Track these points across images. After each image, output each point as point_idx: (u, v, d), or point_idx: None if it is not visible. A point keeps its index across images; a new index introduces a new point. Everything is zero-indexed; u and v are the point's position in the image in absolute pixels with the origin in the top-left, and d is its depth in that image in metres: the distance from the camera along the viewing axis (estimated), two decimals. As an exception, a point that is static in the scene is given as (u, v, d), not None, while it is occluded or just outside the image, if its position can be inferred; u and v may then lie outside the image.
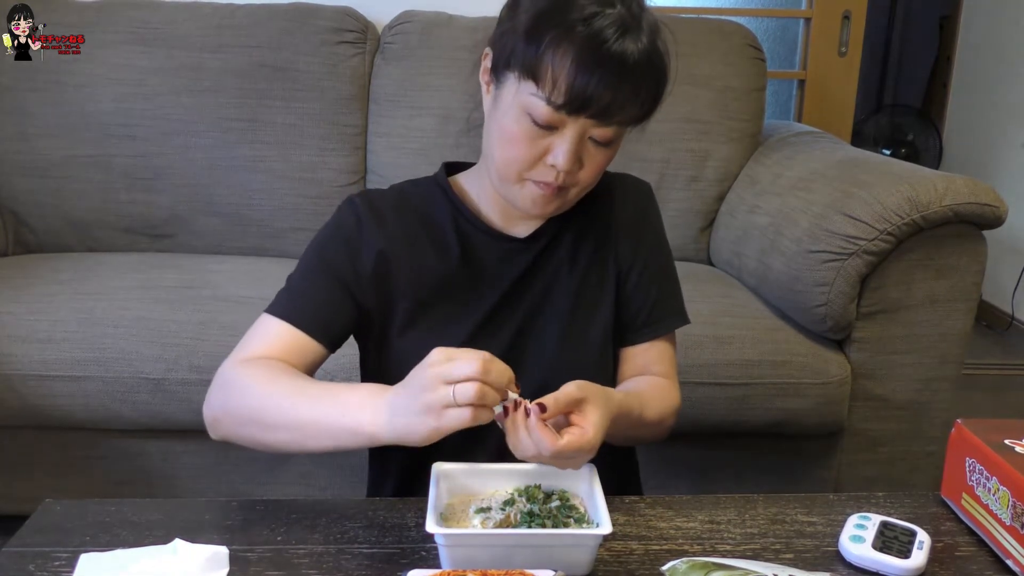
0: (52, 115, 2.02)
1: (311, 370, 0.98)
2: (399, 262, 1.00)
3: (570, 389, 0.82)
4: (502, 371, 0.78)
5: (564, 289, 1.03)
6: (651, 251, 1.07)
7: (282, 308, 0.98)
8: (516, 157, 0.91)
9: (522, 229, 1.04)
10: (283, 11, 2.10)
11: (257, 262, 1.97)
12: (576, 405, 0.82)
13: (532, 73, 0.87)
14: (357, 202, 1.02)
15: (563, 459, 0.81)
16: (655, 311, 1.06)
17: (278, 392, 0.89)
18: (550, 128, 0.89)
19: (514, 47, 0.89)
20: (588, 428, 0.81)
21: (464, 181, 1.06)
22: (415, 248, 1.01)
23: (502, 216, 1.03)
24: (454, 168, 1.08)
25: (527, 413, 0.79)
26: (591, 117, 0.88)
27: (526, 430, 0.79)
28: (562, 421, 0.82)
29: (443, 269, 1.01)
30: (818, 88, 2.67)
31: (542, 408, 0.79)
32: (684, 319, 1.10)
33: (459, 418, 0.77)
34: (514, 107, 0.90)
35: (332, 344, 1.00)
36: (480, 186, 1.03)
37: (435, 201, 1.04)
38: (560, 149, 0.89)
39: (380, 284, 1.00)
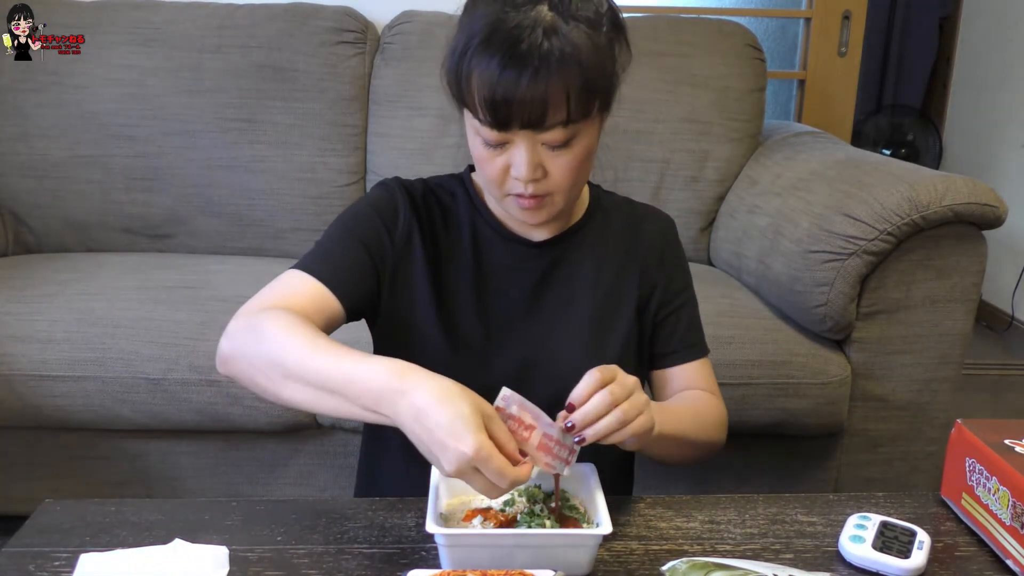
0: (52, 115, 2.02)
1: (328, 330, 0.94)
2: (419, 254, 1.00)
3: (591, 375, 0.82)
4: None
5: (584, 303, 1.03)
6: (678, 280, 1.09)
7: (308, 264, 0.96)
8: (489, 177, 0.93)
9: (537, 234, 1.03)
10: (283, 11, 2.11)
11: (257, 262, 1.97)
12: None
13: (463, 101, 0.90)
14: (393, 186, 1.03)
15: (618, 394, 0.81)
16: (688, 335, 1.08)
17: (303, 344, 0.84)
18: (502, 145, 0.90)
19: (447, 82, 0.92)
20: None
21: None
22: (435, 243, 1.02)
23: (515, 219, 1.03)
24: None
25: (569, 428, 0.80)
26: (524, 127, 0.87)
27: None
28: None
29: (458, 268, 1.02)
30: (818, 88, 2.67)
31: (570, 408, 0.80)
32: (707, 348, 1.11)
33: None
34: (470, 132, 0.93)
35: (351, 309, 0.97)
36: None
37: (457, 199, 1.05)
38: (516, 163, 0.90)
39: (403, 267, 1.00)
